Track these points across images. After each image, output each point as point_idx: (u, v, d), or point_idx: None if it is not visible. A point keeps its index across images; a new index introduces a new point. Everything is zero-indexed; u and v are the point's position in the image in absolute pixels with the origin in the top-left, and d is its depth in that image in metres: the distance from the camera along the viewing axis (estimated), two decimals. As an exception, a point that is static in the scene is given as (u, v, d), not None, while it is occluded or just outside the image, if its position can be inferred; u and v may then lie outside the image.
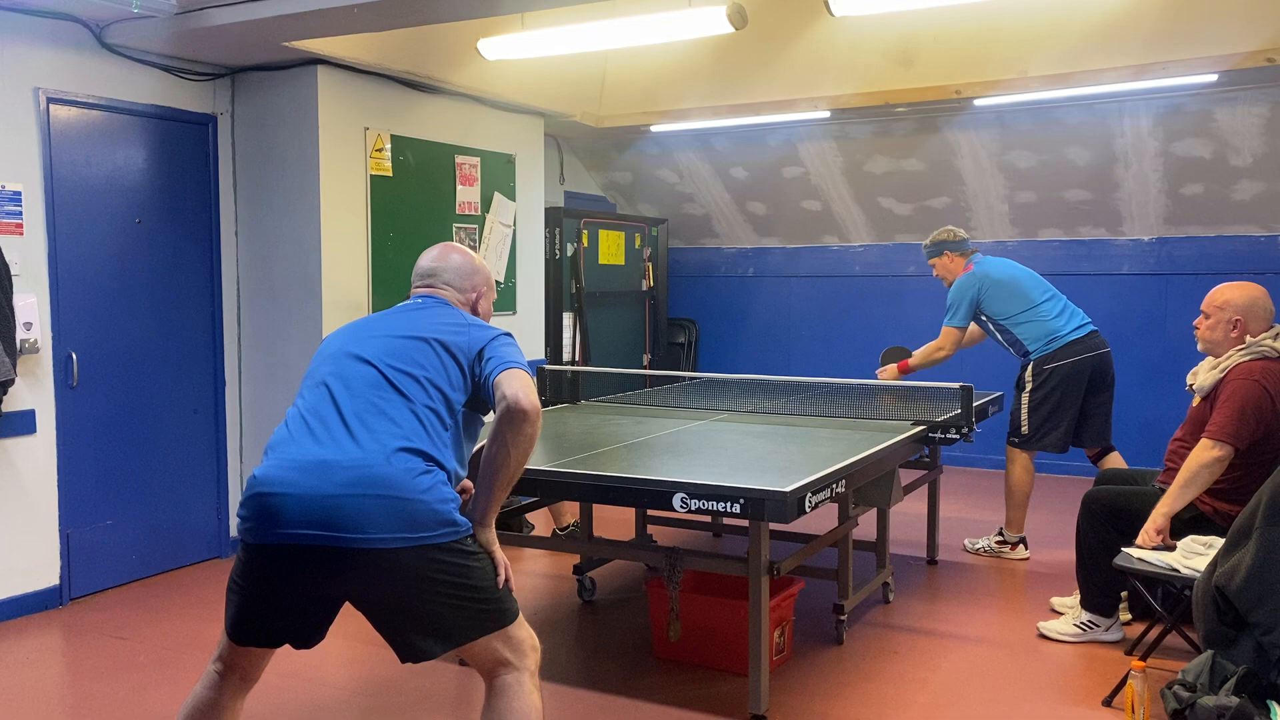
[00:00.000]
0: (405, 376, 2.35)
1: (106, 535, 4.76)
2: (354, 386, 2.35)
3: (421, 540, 2.19)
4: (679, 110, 6.78)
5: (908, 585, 4.75)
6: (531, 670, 2.36)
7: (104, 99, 4.68)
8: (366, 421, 2.27)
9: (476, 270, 2.70)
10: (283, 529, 2.19)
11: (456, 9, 4.24)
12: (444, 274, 2.66)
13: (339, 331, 2.59)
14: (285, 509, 2.19)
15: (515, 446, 2.26)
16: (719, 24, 4.38)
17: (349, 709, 3.47)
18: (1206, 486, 3.53)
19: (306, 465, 2.22)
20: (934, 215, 7.47)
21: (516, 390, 2.27)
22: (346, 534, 2.16)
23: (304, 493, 2.18)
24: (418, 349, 2.39)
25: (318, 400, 2.36)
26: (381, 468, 2.20)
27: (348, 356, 2.43)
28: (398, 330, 2.46)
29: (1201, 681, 2.83)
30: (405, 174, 5.58)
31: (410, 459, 2.23)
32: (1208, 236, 6.80)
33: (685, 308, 8.74)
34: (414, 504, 2.19)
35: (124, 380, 4.83)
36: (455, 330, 2.45)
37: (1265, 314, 3.69)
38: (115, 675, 3.77)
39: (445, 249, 2.73)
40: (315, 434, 2.28)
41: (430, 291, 2.65)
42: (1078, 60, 5.65)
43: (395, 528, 2.17)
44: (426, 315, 2.52)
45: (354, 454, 2.21)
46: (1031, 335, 5.05)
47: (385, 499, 2.17)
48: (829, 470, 3.21)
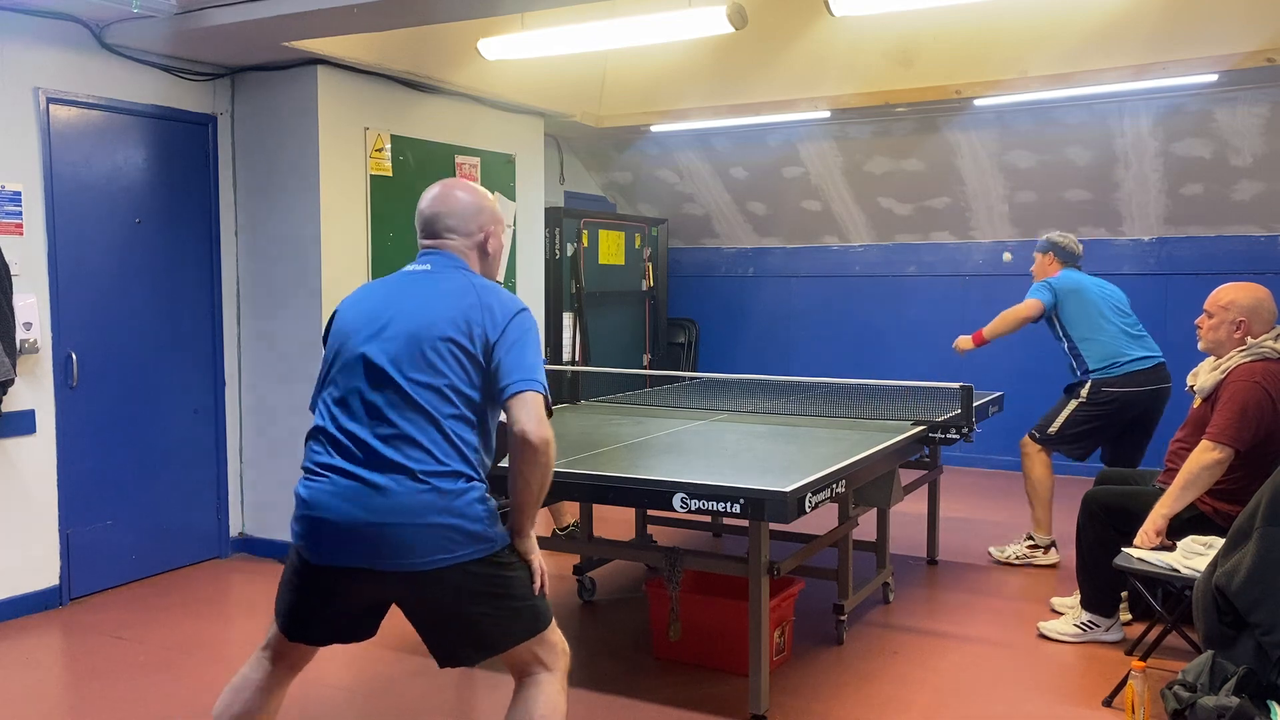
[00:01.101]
0: (428, 391, 2.28)
1: (106, 535, 4.76)
2: (380, 407, 2.28)
3: (460, 558, 2.24)
4: (679, 110, 6.78)
5: (908, 585, 4.75)
6: (562, 673, 2.41)
7: (104, 99, 4.68)
8: (399, 447, 2.25)
9: (482, 208, 2.54)
10: (329, 552, 2.28)
11: (456, 9, 4.24)
12: (446, 219, 2.49)
13: (352, 312, 2.45)
14: (329, 534, 2.26)
15: (532, 478, 2.27)
16: (719, 24, 4.38)
17: (349, 709, 3.47)
18: (1207, 488, 3.53)
19: (347, 492, 2.25)
20: (934, 215, 7.48)
21: (525, 425, 2.23)
22: (389, 560, 2.22)
23: (345, 520, 2.24)
24: (434, 353, 2.29)
25: (348, 416, 2.32)
26: (418, 495, 2.22)
27: (369, 365, 2.32)
28: (414, 323, 2.33)
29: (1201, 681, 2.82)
30: (405, 174, 5.58)
31: (444, 481, 2.25)
32: (1208, 236, 6.80)
33: (685, 308, 8.75)
34: (452, 527, 2.23)
35: (124, 380, 4.83)
36: (467, 321, 2.32)
37: (1269, 315, 3.68)
38: (115, 675, 3.77)
39: (445, 187, 2.55)
40: (351, 455, 2.28)
41: (435, 246, 2.50)
42: (1078, 60, 5.65)
43: (435, 550, 2.22)
44: (437, 294, 2.37)
45: (390, 483, 2.23)
46: (1095, 355, 4.94)
47: (424, 526, 2.21)
48: (829, 470, 3.21)
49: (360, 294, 2.51)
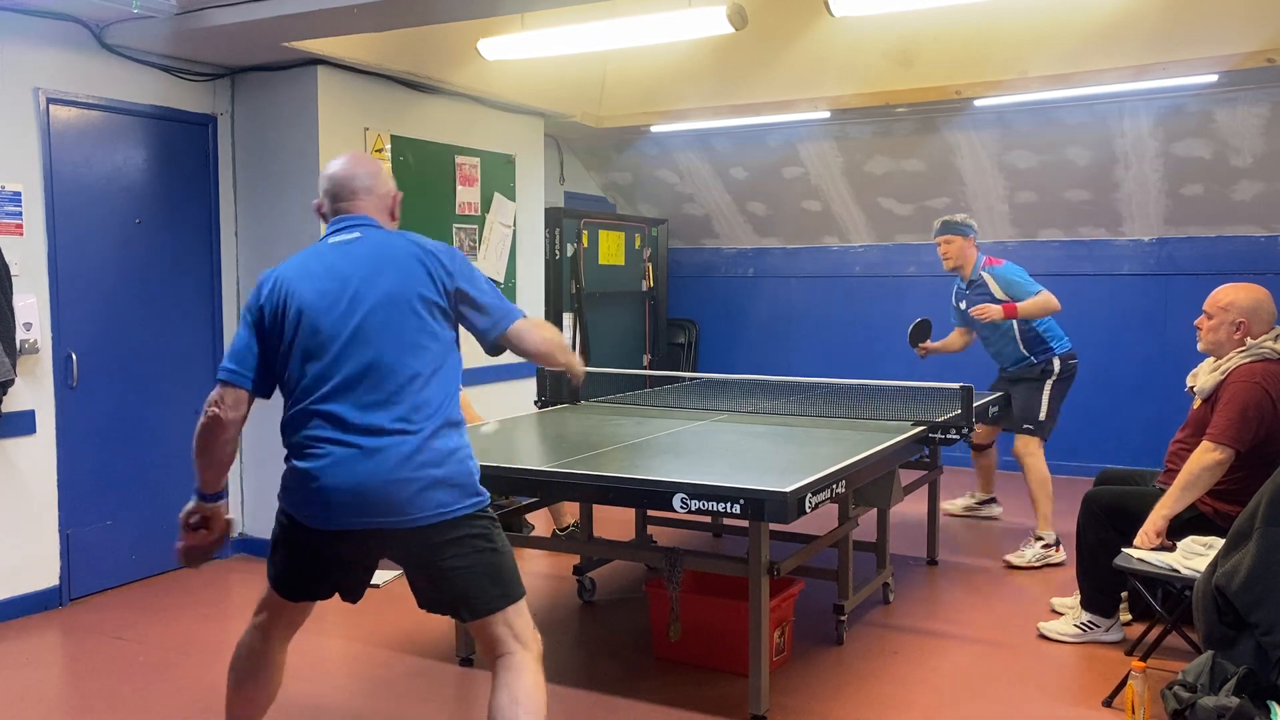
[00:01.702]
0: (415, 354, 2.41)
1: (106, 535, 4.76)
2: (371, 377, 2.40)
3: (456, 512, 2.41)
4: (679, 110, 6.78)
5: (908, 585, 4.75)
6: (536, 656, 2.50)
7: (104, 99, 4.68)
8: (393, 411, 2.39)
9: (389, 177, 2.71)
10: (337, 517, 2.41)
11: (456, 9, 4.24)
12: (361, 179, 2.60)
13: (310, 292, 2.46)
14: (337, 501, 2.39)
15: (560, 355, 2.65)
16: (719, 24, 4.38)
17: (349, 709, 3.47)
18: (1207, 489, 3.53)
19: (350, 459, 2.39)
20: (934, 215, 7.45)
21: (538, 347, 2.57)
22: (392, 517, 2.37)
23: (350, 485, 2.37)
24: (415, 315, 2.43)
25: (340, 392, 2.42)
26: (415, 455, 2.37)
27: (355, 339, 2.41)
28: (382, 291, 2.43)
29: (1201, 682, 2.83)
30: (405, 174, 5.58)
31: (438, 439, 2.40)
32: (1208, 237, 6.79)
33: (685, 308, 8.75)
34: (448, 482, 2.40)
35: (124, 380, 4.83)
36: (429, 275, 2.46)
37: (1269, 316, 3.68)
38: (115, 675, 3.77)
39: (352, 156, 2.68)
40: (348, 426, 2.40)
41: (352, 209, 2.59)
42: (1078, 60, 5.65)
43: (434, 505, 2.38)
44: (386, 258, 2.48)
45: (388, 443, 2.37)
46: (1054, 332, 5.27)
47: (423, 483, 2.37)
48: (829, 470, 3.21)
49: (301, 270, 2.51)
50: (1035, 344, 5.25)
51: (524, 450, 4.07)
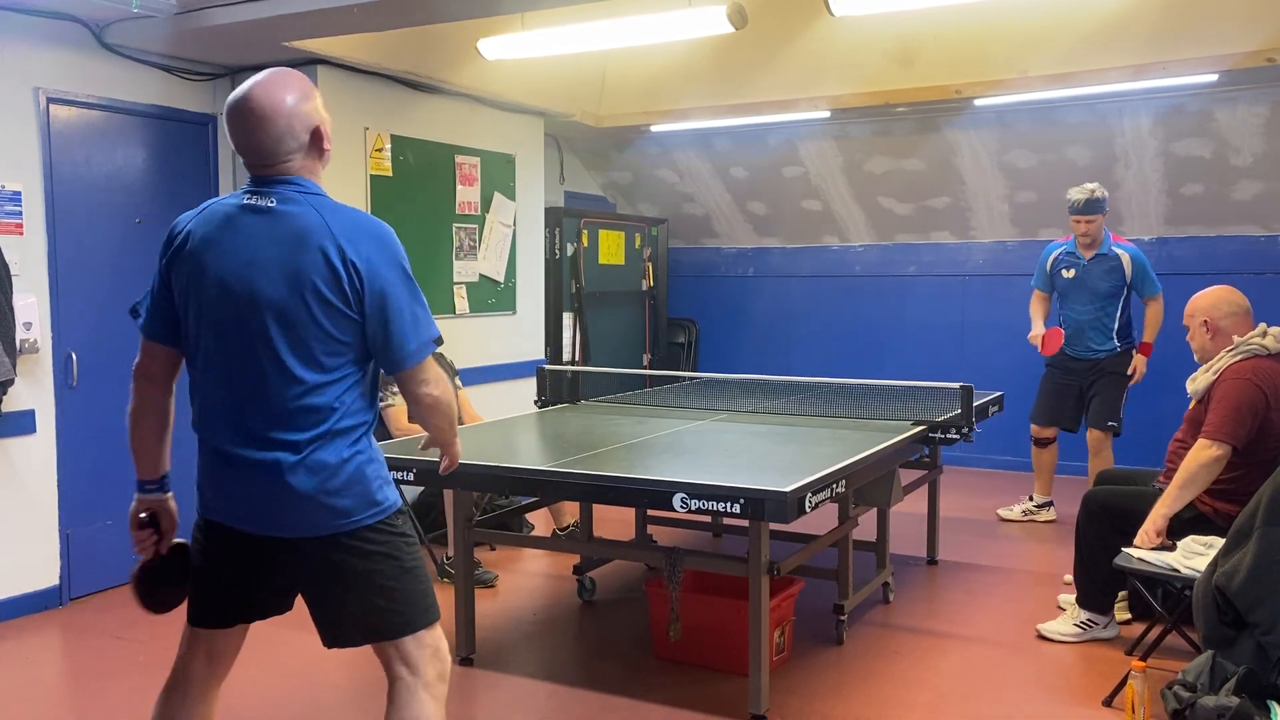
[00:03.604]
0: (307, 360, 2.08)
1: (106, 535, 4.76)
2: (258, 385, 2.10)
3: (353, 524, 2.15)
4: (679, 110, 6.78)
5: (908, 585, 4.75)
6: (427, 681, 2.24)
7: (104, 99, 4.68)
8: (282, 421, 2.10)
9: (310, 99, 2.26)
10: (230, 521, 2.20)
11: (456, 9, 4.24)
12: (279, 117, 2.19)
13: (203, 254, 2.20)
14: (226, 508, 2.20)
15: (440, 426, 2.29)
16: (719, 24, 4.38)
17: (349, 709, 3.47)
18: (1205, 487, 3.53)
19: (237, 462, 2.14)
20: (934, 215, 7.47)
21: (420, 395, 2.17)
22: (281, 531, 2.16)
23: (241, 494, 2.16)
24: (304, 314, 2.06)
25: (224, 392, 2.14)
26: (302, 475, 2.10)
27: (238, 325, 2.10)
28: (275, 277, 2.08)
29: (1201, 681, 2.83)
30: (405, 174, 5.58)
31: (329, 450, 2.11)
32: (1208, 236, 6.79)
33: (685, 308, 8.75)
34: (340, 499, 2.12)
35: (124, 380, 4.78)
36: (322, 269, 2.07)
37: (1233, 309, 3.70)
38: (115, 675, 3.77)
39: (264, 87, 2.17)
40: (235, 429, 2.13)
41: (270, 169, 2.20)
42: (1078, 60, 5.65)
43: (329, 520, 2.13)
44: (290, 240, 2.11)
45: (273, 461, 2.10)
46: (1137, 323, 5.40)
47: (312, 504, 2.11)
48: (829, 470, 3.21)
49: (205, 237, 2.22)
50: (1125, 333, 5.38)
51: (524, 450, 4.07)
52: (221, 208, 2.22)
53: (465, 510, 3.85)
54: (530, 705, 3.49)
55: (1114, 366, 5.43)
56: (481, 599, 4.44)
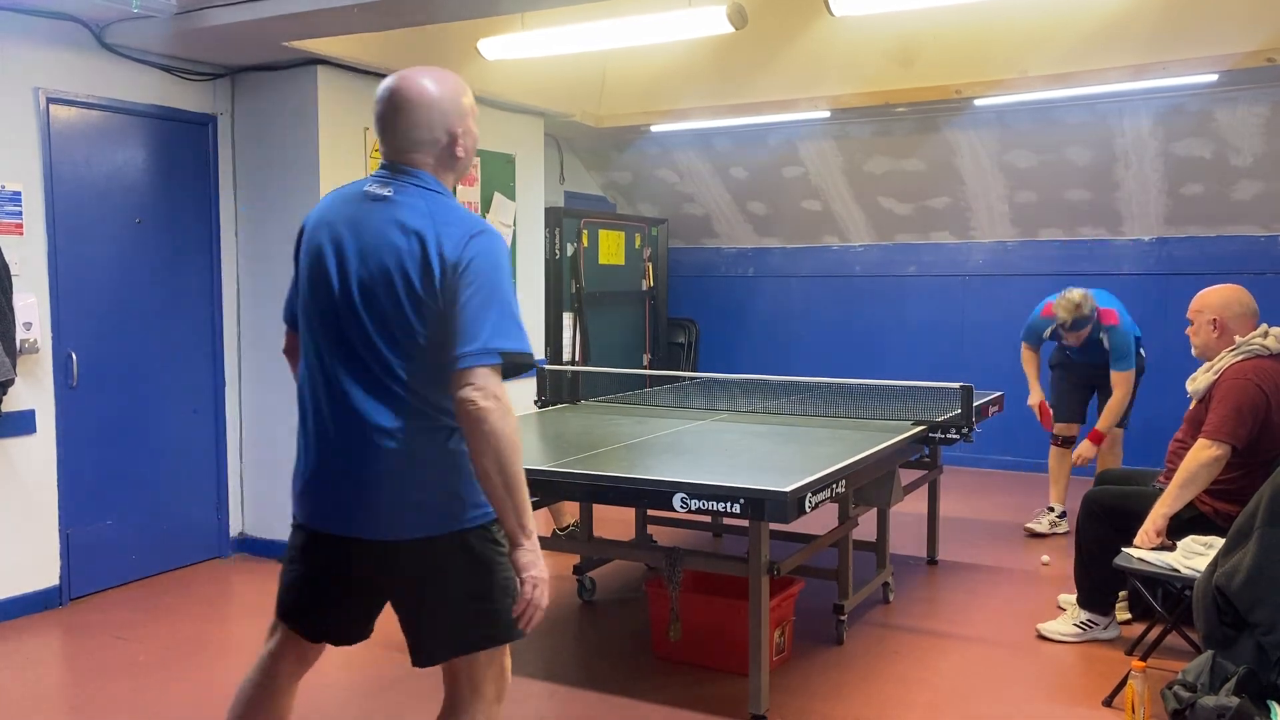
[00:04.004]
0: (395, 348, 2.04)
1: (106, 535, 4.76)
2: (356, 370, 2.06)
3: (452, 527, 2.11)
4: (679, 110, 6.78)
5: (908, 585, 4.75)
6: (487, 701, 2.22)
7: (104, 99, 4.68)
8: (377, 407, 2.06)
9: (455, 103, 2.15)
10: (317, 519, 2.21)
11: (456, 9, 4.24)
12: (416, 111, 2.11)
13: (316, 236, 2.14)
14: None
15: (483, 454, 2.00)
16: (719, 24, 4.37)
17: (349, 709, 3.47)
18: (1204, 486, 3.53)
19: (330, 448, 2.14)
20: (934, 215, 7.47)
21: (462, 399, 1.98)
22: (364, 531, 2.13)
23: (330, 490, 2.16)
24: (393, 301, 2.02)
25: (322, 376, 2.12)
26: (397, 465, 2.08)
27: (338, 308, 2.07)
28: (373, 263, 2.05)
29: (1201, 681, 2.83)
30: (405, 174, 5.57)
31: (425, 443, 2.09)
32: (1208, 236, 6.79)
33: (685, 308, 8.75)
34: (437, 497, 2.11)
35: (124, 380, 4.83)
36: (420, 267, 2.01)
37: (1243, 310, 3.70)
38: (115, 675, 3.77)
39: (411, 82, 2.14)
40: (331, 415, 2.11)
41: (398, 161, 2.14)
42: (1078, 60, 5.65)
43: (424, 519, 2.12)
44: (393, 228, 2.05)
45: (367, 448, 2.08)
46: (1135, 329, 5.49)
47: (405, 499, 2.10)
48: (829, 470, 3.21)
49: (322, 218, 2.18)
50: (1132, 348, 5.40)
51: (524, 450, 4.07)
52: (345, 191, 2.21)
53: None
54: (530, 705, 3.49)
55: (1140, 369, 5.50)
56: (481, 599, 4.44)
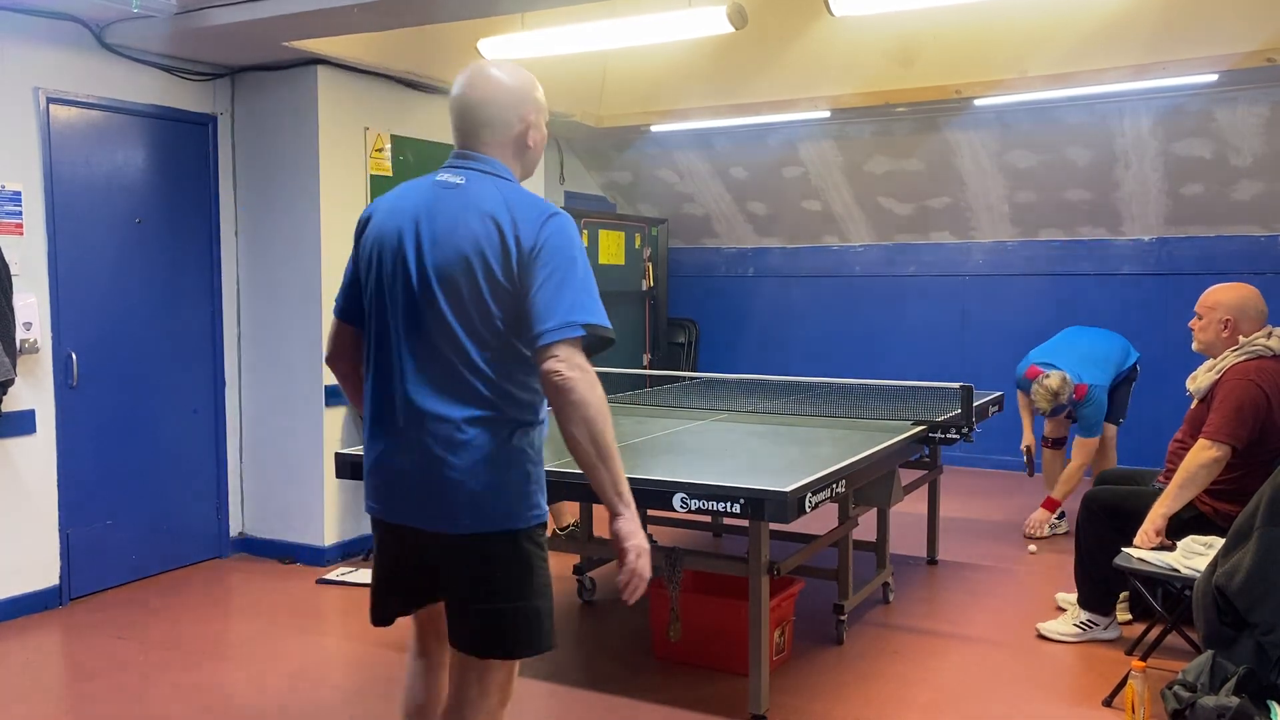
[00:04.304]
0: (472, 334, 2.04)
1: (106, 535, 4.76)
2: (425, 357, 2.08)
3: (498, 527, 2.11)
4: (679, 110, 6.78)
5: (908, 585, 4.75)
6: (491, 707, 2.23)
7: (104, 99, 4.68)
8: (446, 393, 2.06)
9: (526, 96, 2.18)
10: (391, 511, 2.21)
11: (456, 9, 4.24)
12: (488, 105, 2.15)
13: (385, 226, 2.15)
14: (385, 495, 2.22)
15: (573, 423, 2.00)
16: (719, 24, 4.37)
17: (349, 709, 3.47)
18: (1204, 487, 3.53)
19: (395, 437, 2.16)
20: (934, 215, 7.48)
21: (549, 371, 1.97)
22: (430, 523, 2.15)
23: (395, 479, 2.17)
24: (470, 285, 2.02)
25: (388, 366, 2.13)
26: (455, 454, 2.09)
27: (411, 296, 2.07)
28: (448, 248, 2.05)
29: (1201, 681, 2.83)
30: (405, 174, 5.58)
31: (487, 435, 2.08)
32: (1208, 236, 6.79)
33: (685, 308, 8.75)
34: (490, 493, 2.10)
35: (124, 380, 4.83)
36: (497, 250, 2.02)
37: (1257, 314, 3.70)
38: (115, 675, 3.77)
39: (484, 74, 2.16)
40: (399, 403, 2.12)
41: (470, 149, 2.17)
42: (1078, 60, 5.65)
43: (473, 515, 2.11)
44: (467, 213, 2.06)
45: (431, 435, 2.09)
46: (1125, 348, 5.54)
47: (459, 492, 2.11)
48: (829, 470, 3.21)
49: (392, 208, 2.20)
50: (1099, 419, 5.39)
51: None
52: (416, 183, 2.23)
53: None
54: (530, 705, 3.49)
55: (1126, 376, 5.55)
56: (481, 599, 4.44)
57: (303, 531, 5.22)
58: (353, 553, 5.30)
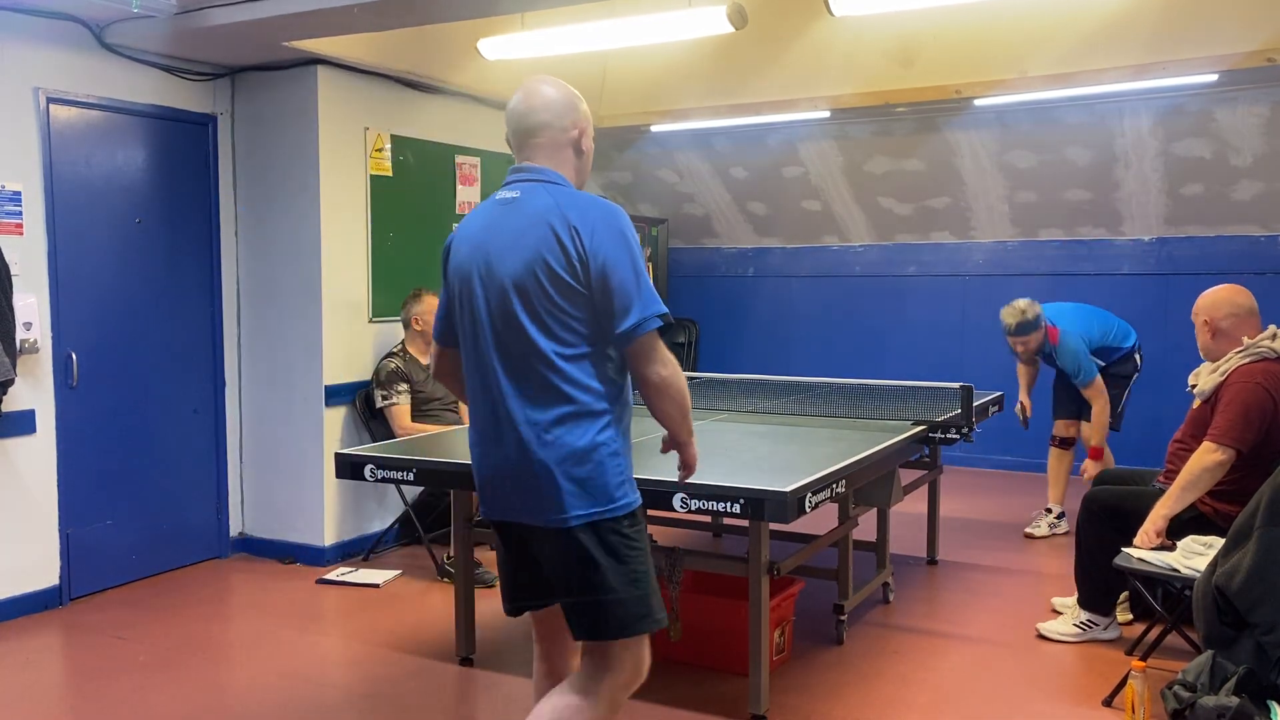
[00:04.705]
0: (549, 336, 2.22)
1: (106, 535, 4.76)
2: (509, 366, 2.27)
3: (582, 518, 2.30)
4: (679, 110, 6.78)
5: (908, 585, 4.75)
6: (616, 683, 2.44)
7: (104, 99, 4.68)
8: (531, 400, 2.27)
9: (574, 106, 2.45)
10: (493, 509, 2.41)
11: (456, 9, 4.24)
12: (536, 114, 2.40)
13: (464, 250, 2.34)
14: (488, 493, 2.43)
15: (667, 402, 2.30)
16: (719, 24, 4.37)
17: (349, 709, 3.47)
18: (1207, 489, 3.53)
19: (491, 447, 2.39)
20: (934, 215, 7.47)
21: (647, 374, 2.24)
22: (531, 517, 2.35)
23: (493, 480, 2.41)
24: (538, 289, 2.20)
25: (480, 379, 2.33)
26: (543, 455, 2.30)
27: (491, 310, 2.26)
28: (515, 258, 2.22)
29: (1201, 681, 2.83)
30: (405, 174, 5.58)
31: (573, 433, 2.29)
32: (1208, 236, 6.79)
33: (685, 308, 8.74)
34: (576, 488, 2.29)
35: (124, 380, 4.83)
36: (558, 252, 2.19)
37: (1234, 309, 3.68)
38: (115, 675, 3.77)
39: (534, 88, 2.46)
40: (491, 413, 2.33)
41: (530, 160, 2.36)
42: (1078, 60, 5.65)
43: (559, 509, 2.30)
44: (525, 222, 2.24)
45: (520, 442, 2.30)
46: (1121, 332, 5.52)
47: (548, 488, 2.30)
48: (829, 470, 3.21)
49: (466, 232, 2.39)
50: (1109, 354, 5.44)
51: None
52: (482, 206, 2.42)
53: (465, 510, 3.85)
54: (530, 705, 3.48)
55: (1118, 369, 5.51)
56: (481, 599, 4.44)
57: (303, 531, 5.22)
58: (353, 553, 5.30)
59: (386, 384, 5.10)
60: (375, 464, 3.58)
